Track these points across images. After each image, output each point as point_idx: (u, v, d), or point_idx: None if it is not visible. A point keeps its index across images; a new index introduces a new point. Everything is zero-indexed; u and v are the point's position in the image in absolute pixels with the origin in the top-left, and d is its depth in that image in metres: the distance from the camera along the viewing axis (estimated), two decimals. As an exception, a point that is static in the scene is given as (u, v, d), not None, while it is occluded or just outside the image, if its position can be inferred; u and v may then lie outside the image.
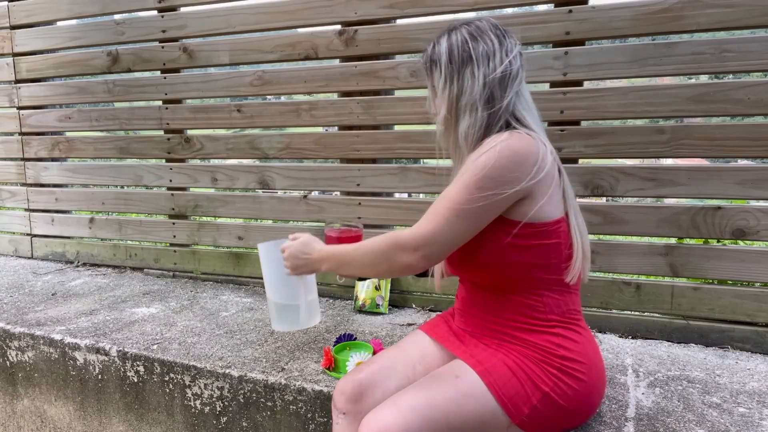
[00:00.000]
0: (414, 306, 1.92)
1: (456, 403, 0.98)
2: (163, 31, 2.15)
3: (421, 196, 2.09)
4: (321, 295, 2.04)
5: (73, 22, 2.37)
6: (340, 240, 1.30)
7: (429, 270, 1.31)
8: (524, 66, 1.08)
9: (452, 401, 0.98)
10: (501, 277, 1.06)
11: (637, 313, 1.66)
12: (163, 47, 2.16)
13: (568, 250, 1.05)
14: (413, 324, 1.74)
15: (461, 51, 1.06)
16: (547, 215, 1.02)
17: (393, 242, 1.04)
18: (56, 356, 1.66)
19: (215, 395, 1.45)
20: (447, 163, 1.19)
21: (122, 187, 2.46)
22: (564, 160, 1.66)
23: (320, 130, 2.09)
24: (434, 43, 1.12)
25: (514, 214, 1.01)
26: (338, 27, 1.88)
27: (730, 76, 1.55)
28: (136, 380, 1.55)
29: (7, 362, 1.76)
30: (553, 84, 1.65)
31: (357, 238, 1.30)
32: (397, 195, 2.04)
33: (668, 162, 1.87)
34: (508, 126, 1.06)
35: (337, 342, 1.50)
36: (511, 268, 1.04)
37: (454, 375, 1.03)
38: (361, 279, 1.40)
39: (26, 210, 2.62)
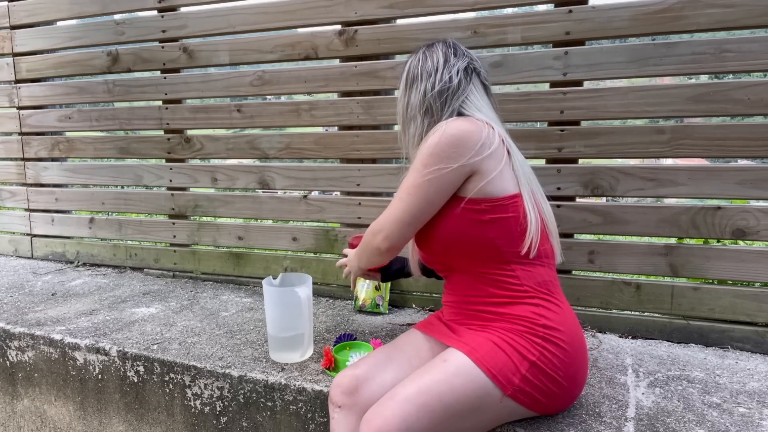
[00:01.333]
0: (414, 306, 1.92)
1: (447, 383, 1.01)
2: (163, 31, 2.15)
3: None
4: (321, 295, 2.05)
5: (73, 22, 2.37)
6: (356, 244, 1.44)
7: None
8: (470, 79, 1.19)
9: (443, 382, 1.01)
10: (468, 252, 1.13)
11: (637, 313, 1.66)
12: (163, 47, 2.16)
13: (525, 223, 1.11)
14: (413, 324, 1.74)
15: (413, 69, 1.22)
16: (501, 190, 1.10)
17: (368, 231, 1.20)
18: (56, 356, 1.66)
19: (215, 395, 1.45)
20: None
21: (122, 187, 2.46)
22: (564, 160, 1.66)
23: (320, 130, 2.09)
24: (406, 61, 1.27)
25: (466, 191, 1.10)
26: (338, 27, 1.88)
27: (730, 76, 1.55)
28: (136, 380, 1.55)
29: (7, 362, 1.76)
30: (553, 84, 1.65)
31: None
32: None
33: (668, 162, 1.87)
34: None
35: (337, 342, 1.50)
36: (475, 242, 1.11)
37: (442, 360, 1.07)
38: (385, 279, 1.50)
39: (26, 210, 2.62)
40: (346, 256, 1.45)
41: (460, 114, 1.17)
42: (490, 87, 1.25)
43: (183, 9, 2.12)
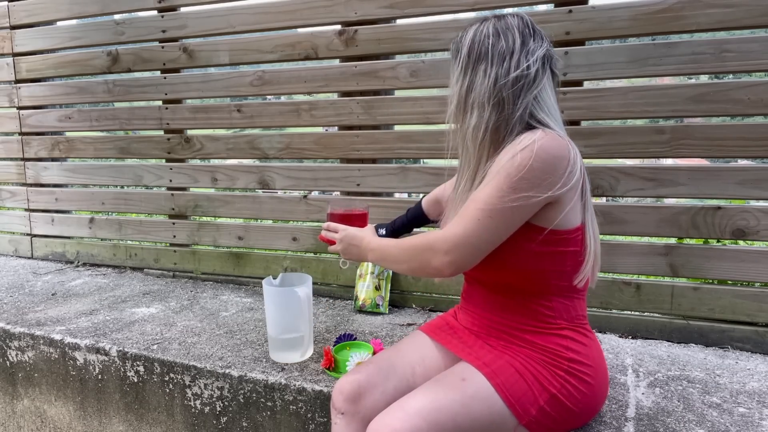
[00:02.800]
0: (414, 306, 1.92)
1: (463, 405, 0.97)
2: (163, 31, 2.15)
3: (421, 196, 2.09)
4: (321, 295, 2.04)
5: (73, 22, 2.37)
6: (343, 217, 1.30)
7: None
8: (546, 70, 1.03)
9: (459, 404, 0.97)
10: (517, 281, 1.05)
11: (637, 313, 1.66)
12: (163, 47, 2.16)
13: (582, 257, 1.04)
14: (413, 324, 1.74)
15: (480, 45, 1.02)
16: (570, 223, 1.01)
17: (426, 243, 1.01)
18: (56, 356, 1.66)
19: (215, 395, 1.45)
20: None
21: (122, 187, 2.46)
22: (564, 160, 1.66)
23: (320, 130, 2.09)
24: (463, 32, 1.07)
25: (540, 220, 0.99)
26: (338, 27, 1.88)
27: (730, 76, 1.55)
28: (136, 380, 1.55)
29: (7, 362, 1.76)
30: (553, 84, 1.65)
31: (363, 217, 1.32)
32: (397, 195, 2.04)
33: (668, 162, 1.87)
34: (529, 127, 1.01)
35: (337, 342, 1.50)
36: (529, 273, 1.02)
37: (460, 378, 1.02)
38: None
39: (26, 210, 2.62)
40: (329, 230, 1.26)
41: (531, 116, 1.02)
42: (559, 79, 1.09)
43: (183, 9, 2.12)
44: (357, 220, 1.31)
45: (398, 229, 1.40)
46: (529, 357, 1.03)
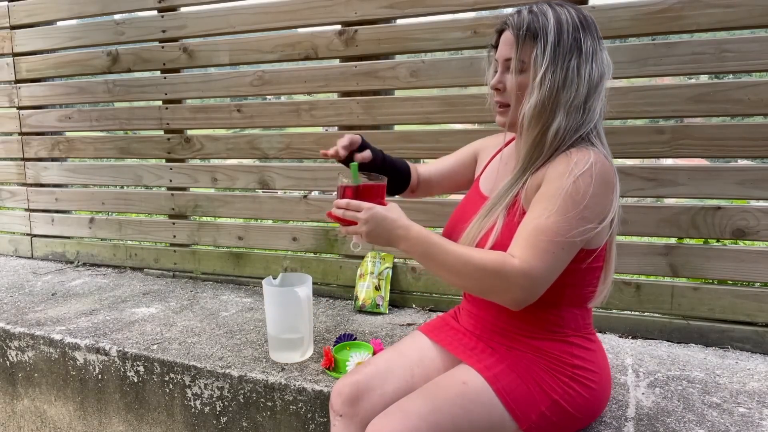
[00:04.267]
0: (414, 306, 1.92)
1: (463, 409, 0.96)
2: (163, 31, 2.15)
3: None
4: (321, 295, 2.04)
5: (73, 22, 2.37)
6: (358, 190, 1.02)
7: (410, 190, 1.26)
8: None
9: (459, 407, 0.96)
10: None
11: (637, 313, 1.66)
12: (163, 47, 2.16)
13: (601, 274, 1.04)
14: (413, 324, 1.74)
15: (571, 37, 0.94)
16: (601, 242, 0.99)
17: (500, 269, 0.91)
18: (56, 356, 1.66)
19: (215, 395, 1.45)
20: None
21: (122, 187, 2.46)
22: (564, 160, 1.66)
23: (320, 130, 2.09)
24: (534, 12, 0.97)
25: None
26: (338, 27, 1.88)
27: (730, 76, 1.55)
28: (136, 380, 1.55)
29: (7, 362, 1.76)
30: (553, 84, 1.64)
31: (381, 188, 1.06)
32: (397, 195, 2.03)
33: (668, 162, 1.87)
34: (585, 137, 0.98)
35: (337, 342, 1.50)
36: (551, 287, 0.97)
37: (461, 381, 1.01)
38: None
39: (26, 210, 2.62)
40: (349, 208, 1.00)
41: (596, 128, 0.99)
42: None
43: (183, 9, 2.12)
44: (377, 192, 1.04)
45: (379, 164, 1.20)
46: (532, 362, 1.02)
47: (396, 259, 1.94)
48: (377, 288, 1.87)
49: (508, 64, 1.01)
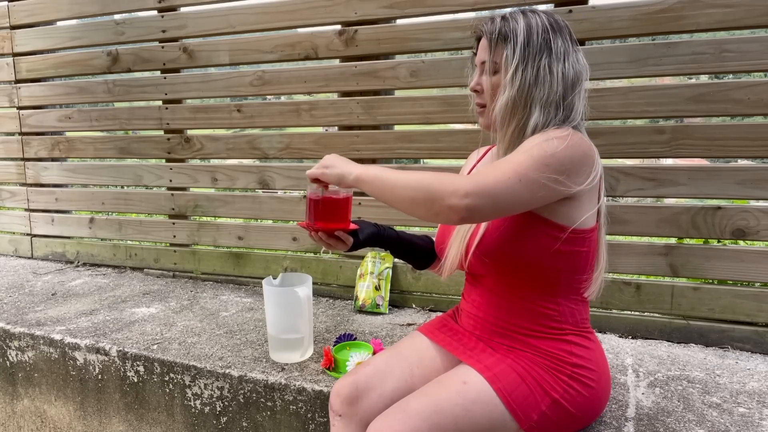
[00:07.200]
0: (414, 306, 1.92)
1: (464, 409, 0.96)
2: (163, 31, 2.15)
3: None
4: (321, 295, 2.04)
5: (73, 22, 2.37)
6: (324, 200, 1.10)
7: (439, 265, 1.24)
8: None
9: (461, 407, 0.96)
10: (529, 280, 1.04)
11: (637, 313, 1.66)
12: (163, 47, 2.16)
13: (593, 260, 1.05)
14: (413, 324, 1.74)
15: (540, 38, 0.99)
16: (588, 223, 1.02)
17: (443, 177, 0.91)
18: (56, 356, 1.66)
19: (215, 395, 1.45)
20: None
21: (122, 187, 2.46)
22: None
23: (320, 130, 2.09)
24: (506, 18, 1.03)
25: (563, 218, 0.99)
26: (338, 27, 1.88)
27: (730, 76, 1.55)
28: (136, 380, 1.55)
29: (7, 362, 1.76)
30: (553, 84, 1.64)
31: (346, 201, 1.12)
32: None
33: (668, 162, 1.87)
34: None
35: (337, 342, 1.50)
36: (542, 270, 1.02)
37: (461, 381, 1.01)
38: (353, 248, 1.15)
39: (26, 210, 2.62)
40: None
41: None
42: None
43: (183, 9, 2.12)
44: (338, 203, 1.11)
45: (404, 241, 1.24)
46: (533, 361, 1.03)
47: (396, 260, 1.94)
48: (377, 288, 1.87)
49: (484, 66, 1.06)
